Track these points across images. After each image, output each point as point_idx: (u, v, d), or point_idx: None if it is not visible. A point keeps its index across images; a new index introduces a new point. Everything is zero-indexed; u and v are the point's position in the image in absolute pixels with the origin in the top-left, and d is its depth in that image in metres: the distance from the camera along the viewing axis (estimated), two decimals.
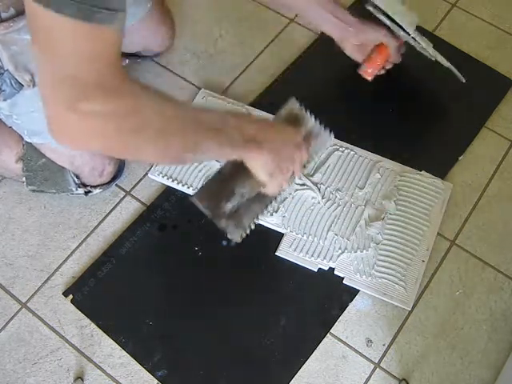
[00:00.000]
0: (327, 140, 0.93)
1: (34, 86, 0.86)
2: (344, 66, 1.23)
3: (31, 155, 1.00)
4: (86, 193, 1.05)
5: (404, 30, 1.06)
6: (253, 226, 0.89)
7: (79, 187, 1.03)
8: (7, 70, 0.83)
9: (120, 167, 1.08)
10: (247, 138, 0.76)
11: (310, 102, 1.18)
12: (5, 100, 0.88)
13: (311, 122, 0.92)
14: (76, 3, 0.54)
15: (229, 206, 0.85)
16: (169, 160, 0.75)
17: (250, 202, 0.87)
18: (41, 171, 1.01)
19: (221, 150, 0.75)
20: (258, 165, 0.80)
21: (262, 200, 0.88)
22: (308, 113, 0.92)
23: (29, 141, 0.98)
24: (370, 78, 1.15)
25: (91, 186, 1.05)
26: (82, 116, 0.60)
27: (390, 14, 1.05)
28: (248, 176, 0.83)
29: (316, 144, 0.91)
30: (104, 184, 1.06)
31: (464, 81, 1.15)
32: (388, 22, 1.06)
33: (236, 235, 0.87)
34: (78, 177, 1.02)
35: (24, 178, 1.02)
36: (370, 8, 1.05)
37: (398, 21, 1.05)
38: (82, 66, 0.59)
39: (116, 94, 0.62)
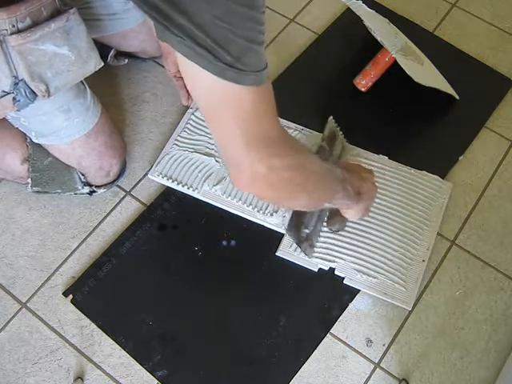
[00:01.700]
0: (350, 151, 1.08)
1: (48, 95, 0.86)
2: (344, 65, 1.23)
3: (37, 155, 1.00)
4: (91, 192, 1.05)
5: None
6: (318, 244, 1.01)
7: (85, 186, 1.03)
8: (22, 79, 0.83)
9: (122, 167, 1.09)
10: (355, 190, 0.85)
11: (309, 101, 1.19)
12: (18, 110, 0.87)
13: (341, 137, 1.09)
14: (251, 74, 0.60)
15: (306, 232, 0.99)
16: (311, 208, 0.83)
17: (319, 222, 1.01)
18: (47, 171, 1.01)
19: (342, 200, 0.83)
20: (355, 212, 0.90)
21: (333, 224, 1.02)
22: (339, 129, 1.09)
23: (36, 142, 0.98)
24: (363, 90, 1.16)
25: (96, 186, 1.05)
26: (272, 170, 0.66)
27: (373, 32, 1.12)
28: (336, 214, 0.96)
29: (345, 156, 1.07)
30: (108, 184, 1.07)
31: (458, 98, 1.16)
32: (378, 38, 1.12)
33: (311, 254, 1.00)
34: (84, 176, 1.03)
35: (29, 180, 1.02)
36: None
37: (379, 40, 1.10)
38: (266, 125, 0.65)
39: (292, 148, 0.69)
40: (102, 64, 0.91)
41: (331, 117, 1.08)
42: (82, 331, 0.96)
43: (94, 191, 1.06)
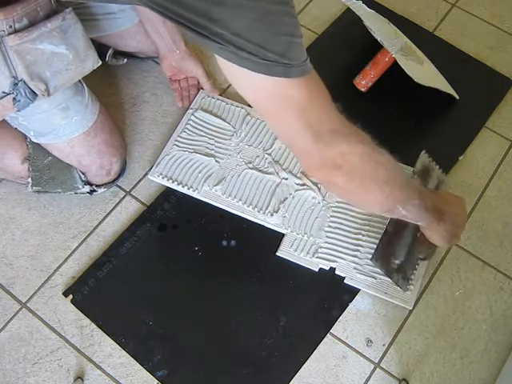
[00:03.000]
0: (447, 186, 1.04)
1: (48, 94, 0.86)
2: (344, 65, 1.23)
3: (37, 154, 1.00)
4: (91, 191, 1.05)
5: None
6: (413, 277, 0.98)
7: (85, 185, 1.03)
8: (22, 79, 0.83)
9: (122, 167, 1.09)
10: (436, 207, 0.84)
11: None
12: (19, 111, 0.88)
13: (438, 171, 1.03)
14: (297, 66, 0.61)
15: (397, 262, 0.94)
16: (384, 208, 0.79)
17: (411, 253, 0.96)
18: (47, 170, 1.01)
19: (419, 211, 0.81)
20: (439, 235, 0.89)
21: (421, 251, 0.98)
22: (434, 162, 1.03)
23: (35, 141, 0.98)
24: (363, 90, 1.16)
25: (96, 185, 1.05)
26: (340, 154, 0.68)
27: (373, 32, 1.12)
28: (422, 241, 0.94)
29: (443, 189, 1.03)
30: (108, 183, 1.07)
31: (458, 98, 1.16)
32: (378, 38, 1.12)
33: (405, 286, 0.97)
34: (84, 175, 1.03)
35: (29, 179, 1.02)
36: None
37: (379, 40, 1.09)
38: (325, 112, 0.67)
39: (358, 136, 0.71)
40: (100, 63, 0.91)
41: (424, 151, 1.02)
42: (82, 331, 0.96)
43: (95, 190, 1.05)
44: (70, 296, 0.98)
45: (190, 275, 1.00)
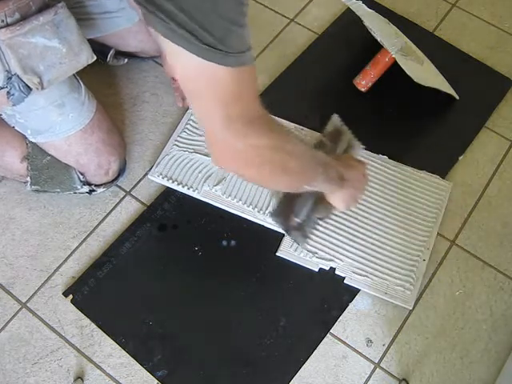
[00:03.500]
0: (359, 150, 1.05)
1: (42, 88, 0.86)
2: (344, 65, 1.23)
3: (36, 154, 1.00)
4: (90, 191, 1.05)
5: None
6: (311, 235, 1.00)
7: (84, 185, 1.03)
8: (15, 74, 0.84)
9: (122, 166, 1.09)
10: (339, 175, 0.86)
11: (309, 101, 1.19)
12: (14, 105, 0.88)
13: (350, 135, 1.04)
14: (233, 55, 0.62)
15: (297, 220, 0.95)
16: (291, 190, 0.84)
17: (312, 213, 0.97)
18: (46, 169, 1.01)
19: (323, 184, 0.84)
20: (339, 199, 0.90)
21: (320, 212, 0.99)
22: (346, 126, 1.04)
23: (33, 140, 0.98)
24: (363, 90, 1.16)
25: (95, 185, 1.05)
26: (249, 147, 0.69)
27: (373, 32, 1.12)
28: (322, 202, 0.94)
29: (353, 154, 1.04)
30: (108, 183, 1.07)
31: (458, 98, 1.16)
32: (378, 38, 1.12)
33: (302, 243, 0.99)
34: (83, 175, 1.03)
35: (28, 178, 1.02)
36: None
37: (379, 40, 1.09)
38: (246, 105, 0.67)
39: (273, 130, 0.71)
40: (95, 57, 0.91)
41: (336, 114, 1.06)
42: (82, 331, 0.96)
43: (94, 190, 1.05)
44: (70, 296, 0.98)
45: (189, 275, 1.00)
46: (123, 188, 1.10)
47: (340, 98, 1.19)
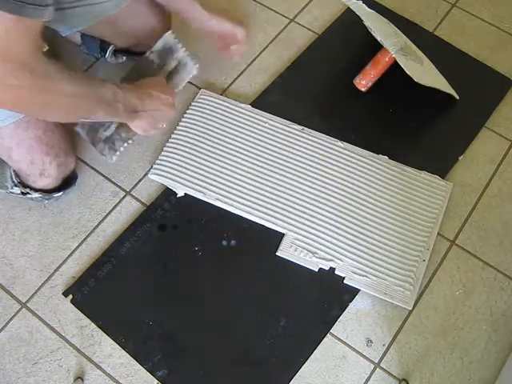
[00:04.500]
0: (194, 69, 1.07)
1: None
2: (344, 65, 1.23)
3: None
4: (24, 194, 1.02)
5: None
6: (122, 149, 1.04)
7: (15, 186, 1.00)
8: None
9: (69, 178, 1.05)
10: (130, 109, 0.92)
11: (309, 101, 1.19)
12: None
13: (183, 53, 1.07)
14: (11, 2, 0.66)
15: (105, 134, 1.02)
16: (68, 121, 0.95)
17: (119, 130, 1.03)
18: None
19: (108, 118, 0.92)
20: (135, 126, 0.98)
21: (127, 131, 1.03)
22: (180, 44, 1.06)
23: None
24: (363, 90, 1.16)
25: (31, 188, 1.01)
26: (6, 86, 0.73)
27: (373, 32, 1.12)
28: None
29: (184, 72, 1.07)
30: (47, 190, 1.03)
31: (458, 98, 1.16)
32: (378, 38, 1.12)
33: (110, 156, 1.04)
34: (18, 176, 1.00)
35: None
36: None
37: (379, 40, 1.09)
38: (15, 49, 0.71)
39: (39, 73, 0.75)
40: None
41: (170, 31, 1.06)
42: (82, 331, 0.96)
43: (28, 193, 1.02)
44: (70, 296, 0.98)
45: (190, 275, 1.00)
46: (123, 188, 1.10)
47: (340, 98, 1.19)
